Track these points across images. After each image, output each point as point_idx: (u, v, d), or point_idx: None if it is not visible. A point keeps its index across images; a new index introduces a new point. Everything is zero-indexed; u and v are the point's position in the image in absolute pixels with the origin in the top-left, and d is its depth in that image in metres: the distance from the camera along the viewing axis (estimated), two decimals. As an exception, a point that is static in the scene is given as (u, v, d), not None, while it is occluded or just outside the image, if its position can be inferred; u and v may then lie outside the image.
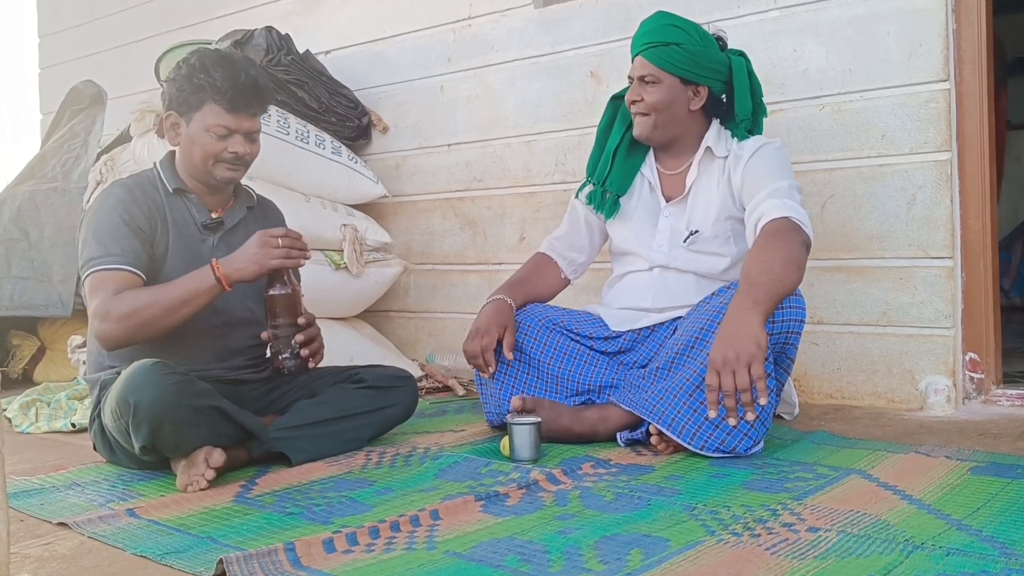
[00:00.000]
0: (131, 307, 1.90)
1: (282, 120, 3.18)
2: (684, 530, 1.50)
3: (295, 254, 1.95)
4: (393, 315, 3.65)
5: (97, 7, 4.90)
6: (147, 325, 1.91)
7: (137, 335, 1.93)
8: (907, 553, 1.35)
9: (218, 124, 2.03)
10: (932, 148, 2.47)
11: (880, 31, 2.52)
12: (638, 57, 2.24)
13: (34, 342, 3.61)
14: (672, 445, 2.03)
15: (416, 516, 1.59)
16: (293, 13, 3.93)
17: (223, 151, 2.05)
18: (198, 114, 2.04)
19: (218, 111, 2.03)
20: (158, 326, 1.92)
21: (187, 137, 2.07)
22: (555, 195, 3.17)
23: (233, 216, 2.18)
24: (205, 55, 2.07)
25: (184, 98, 2.04)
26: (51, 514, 1.72)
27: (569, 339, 2.29)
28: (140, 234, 2.02)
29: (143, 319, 1.90)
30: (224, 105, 2.02)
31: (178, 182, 2.11)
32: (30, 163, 3.84)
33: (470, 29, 3.38)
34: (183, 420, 1.82)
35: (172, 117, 2.08)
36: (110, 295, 1.92)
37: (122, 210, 2.01)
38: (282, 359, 2.01)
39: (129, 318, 1.89)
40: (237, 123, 2.05)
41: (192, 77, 2.03)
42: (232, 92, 2.02)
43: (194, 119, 2.05)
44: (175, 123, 2.08)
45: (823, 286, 2.63)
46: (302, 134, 3.20)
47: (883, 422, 2.36)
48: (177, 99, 2.06)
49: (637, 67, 2.24)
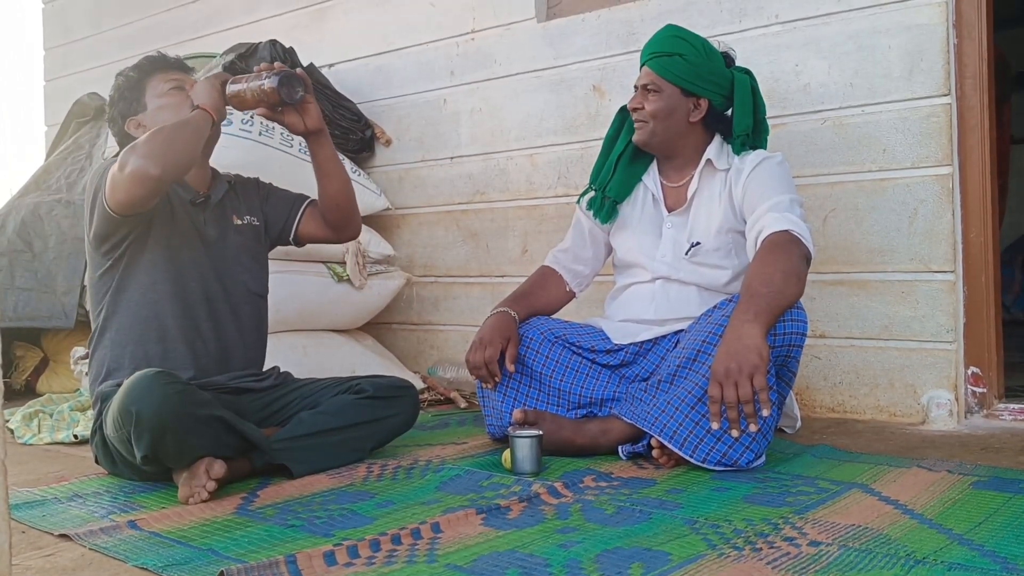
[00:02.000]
0: (145, 143, 1.95)
1: (286, 133, 3.19)
2: (685, 544, 1.50)
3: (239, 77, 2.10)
4: (396, 327, 3.66)
5: (103, 20, 4.93)
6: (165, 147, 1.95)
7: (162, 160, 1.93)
8: (909, 567, 1.35)
9: (168, 79, 2.20)
10: (934, 162, 2.48)
11: (881, 46, 2.54)
12: (645, 67, 2.28)
13: (37, 353, 3.62)
14: (674, 458, 2.02)
15: (417, 529, 1.59)
16: (297, 27, 3.95)
17: (184, 100, 2.16)
18: (146, 96, 2.19)
19: (159, 77, 2.20)
20: (176, 149, 1.97)
21: (152, 118, 2.17)
22: (558, 208, 3.18)
23: (217, 192, 2.24)
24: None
25: (129, 98, 2.20)
26: (53, 526, 1.72)
27: (571, 352, 2.29)
28: None
29: (157, 142, 1.95)
30: (159, 71, 2.21)
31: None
32: (35, 175, 3.85)
33: (473, 43, 3.40)
34: (185, 429, 1.82)
35: (131, 122, 2.19)
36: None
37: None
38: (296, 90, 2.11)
39: (143, 148, 1.93)
40: (180, 78, 2.22)
41: (125, 82, 2.21)
42: (156, 61, 2.23)
43: (146, 102, 2.19)
44: (138, 123, 2.19)
45: (825, 300, 2.63)
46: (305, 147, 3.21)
47: (885, 436, 2.36)
48: (123, 105, 2.20)
49: (642, 76, 2.28)
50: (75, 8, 5.12)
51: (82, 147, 3.77)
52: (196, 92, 2.10)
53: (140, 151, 1.93)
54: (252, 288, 2.26)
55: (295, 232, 2.36)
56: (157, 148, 1.93)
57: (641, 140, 2.29)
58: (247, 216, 2.29)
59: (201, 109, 2.06)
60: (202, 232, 2.18)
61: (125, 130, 2.20)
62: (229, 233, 2.24)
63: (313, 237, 2.38)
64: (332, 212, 2.32)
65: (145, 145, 1.94)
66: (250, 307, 2.25)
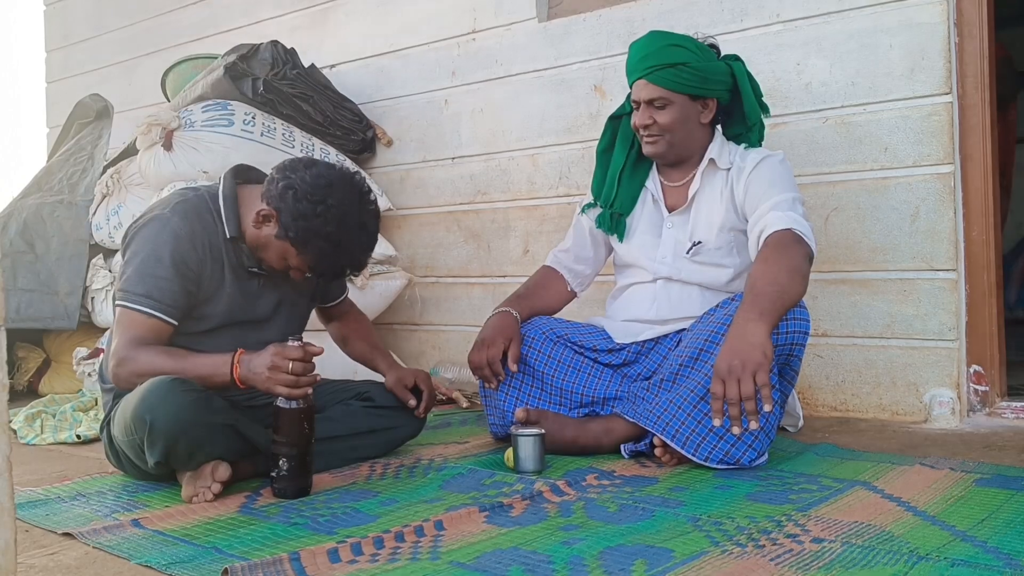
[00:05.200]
0: (148, 369, 1.86)
1: (287, 134, 3.20)
2: (688, 541, 1.50)
3: (304, 382, 1.82)
4: (397, 328, 3.66)
5: (104, 21, 4.94)
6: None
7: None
8: (911, 564, 1.35)
9: (300, 270, 1.98)
10: (935, 161, 2.48)
11: (883, 45, 2.54)
12: (641, 81, 2.21)
13: (39, 354, 3.62)
14: (676, 457, 2.03)
15: (420, 527, 1.59)
16: (299, 28, 3.96)
17: (285, 272, 2.02)
18: (293, 249, 1.93)
19: (308, 268, 1.97)
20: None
21: (267, 241, 1.97)
22: (559, 208, 3.18)
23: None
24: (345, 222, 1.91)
25: (294, 234, 1.90)
26: (56, 524, 1.73)
27: (573, 351, 2.29)
28: (187, 275, 1.95)
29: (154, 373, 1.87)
30: (315, 271, 1.97)
31: (236, 231, 2.01)
32: (36, 176, 3.86)
33: (474, 43, 3.40)
34: (199, 438, 1.82)
35: (272, 216, 1.94)
36: (134, 342, 1.89)
37: (175, 248, 1.94)
38: (271, 475, 1.88)
39: (141, 376, 1.86)
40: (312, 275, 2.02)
41: (315, 238, 1.89)
42: (331, 270, 1.98)
43: (290, 248, 1.94)
44: (268, 217, 1.95)
45: (827, 299, 2.64)
46: (307, 147, 3.22)
47: (887, 434, 2.36)
48: (290, 225, 1.90)
49: (642, 91, 2.21)
50: (76, 10, 5.13)
51: (84, 148, 3.77)
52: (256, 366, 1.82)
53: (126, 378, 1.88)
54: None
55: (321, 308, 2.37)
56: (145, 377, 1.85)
57: (657, 153, 2.25)
58: (301, 286, 2.15)
59: (235, 380, 1.84)
60: (258, 293, 2.07)
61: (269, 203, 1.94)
62: (282, 294, 2.12)
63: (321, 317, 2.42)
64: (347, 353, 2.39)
65: (137, 378, 1.85)
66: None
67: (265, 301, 2.09)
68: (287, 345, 1.83)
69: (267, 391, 1.84)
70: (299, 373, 1.82)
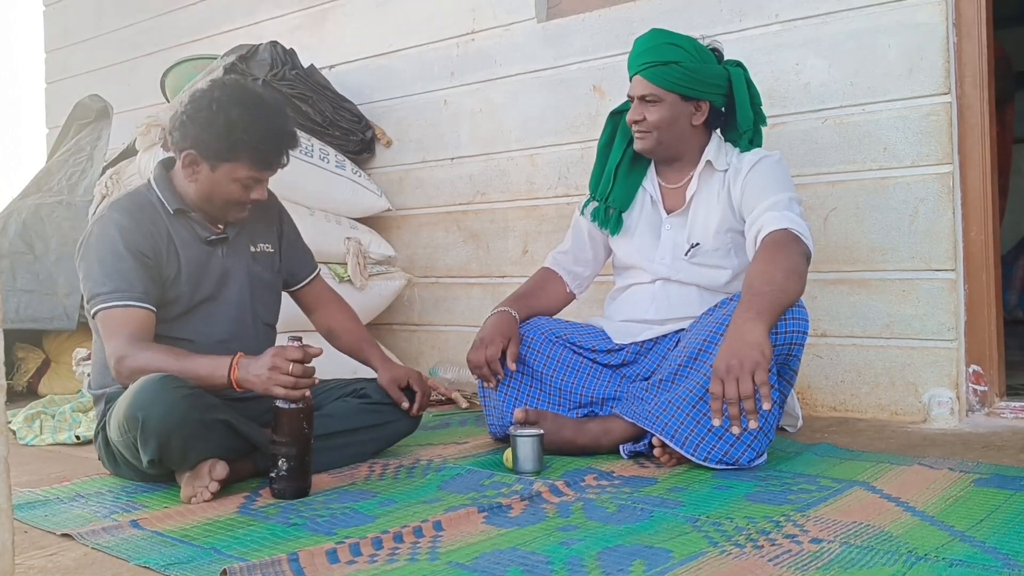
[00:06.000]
0: (148, 366, 1.87)
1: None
2: (687, 541, 1.50)
3: (303, 384, 1.83)
4: (396, 328, 3.66)
5: (103, 22, 4.94)
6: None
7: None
8: (910, 564, 1.35)
9: (249, 176, 2.01)
10: (934, 161, 2.48)
11: (881, 45, 2.54)
12: (637, 76, 2.24)
13: (39, 355, 3.62)
14: (675, 457, 2.03)
15: (419, 527, 1.59)
16: (298, 28, 3.96)
17: (246, 199, 2.05)
18: (227, 166, 1.99)
19: (250, 167, 2.00)
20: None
21: (208, 180, 2.02)
22: (558, 208, 3.18)
23: (234, 226, 2.15)
24: (240, 101, 1.98)
25: (215, 148, 1.97)
26: (55, 525, 1.73)
27: (572, 352, 2.29)
28: (146, 261, 1.98)
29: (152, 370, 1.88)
30: (258, 163, 2.01)
31: (179, 203, 2.07)
32: (36, 177, 3.86)
33: (473, 43, 3.40)
34: (192, 434, 1.82)
35: (191, 156, 1.99)
36: (130, 340, 1.90)
37: (123, 238, 1.97)
38: (270, 475, 1.88)
39: (142, 372, 1.87)
40: (265, 175, 2.06)
41: (230, 132, 1.95)
42: (268, 151, 2.01)
43: (221, 168, 1.99)
44: (195, 161, 2.00)
45: (826, 299, 2.64)
46: (306, 148, 3.22)
47: (886, 434, 2.36)
48: (205, 144, 1.97)
49: (637, 87, 2.24)
50: (76, 10, 5.13)
51: (83, 149, 3.77)
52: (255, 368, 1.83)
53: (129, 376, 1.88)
54: (265, 320, 2.21)
55: (292, 292, 2.36)
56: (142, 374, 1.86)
57: (645, 149, 2.27)
58: (262, 243, 2.21)
59: (232, 382, 1.85)
60: (221, 265, 2.11)
61: (181, 148, 2.01)
62: (244, 266, 2.15)
63: (299, 304, 2.40)
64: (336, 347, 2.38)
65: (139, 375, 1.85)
66: (262, 338, 2.19)
67: (230, 274, 2.11)
68: (287, 346, 1.83)
69: (266, 393, 1.84)
70: (299, 374, 1.82)
